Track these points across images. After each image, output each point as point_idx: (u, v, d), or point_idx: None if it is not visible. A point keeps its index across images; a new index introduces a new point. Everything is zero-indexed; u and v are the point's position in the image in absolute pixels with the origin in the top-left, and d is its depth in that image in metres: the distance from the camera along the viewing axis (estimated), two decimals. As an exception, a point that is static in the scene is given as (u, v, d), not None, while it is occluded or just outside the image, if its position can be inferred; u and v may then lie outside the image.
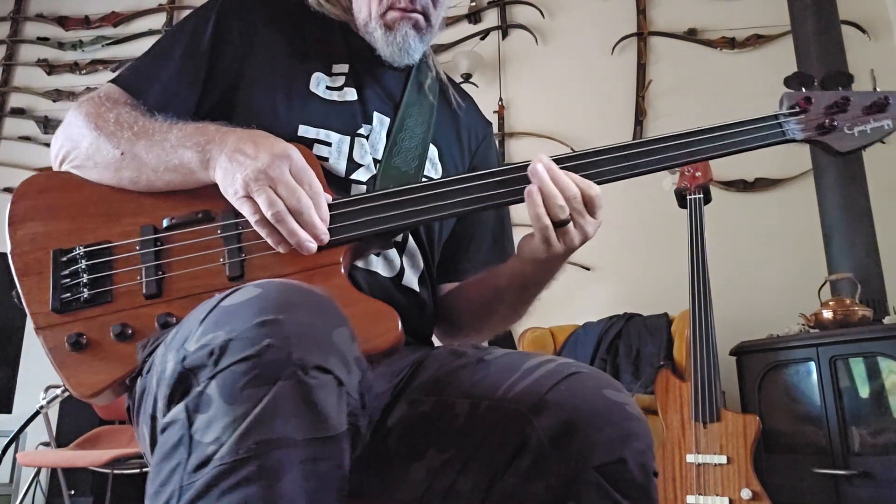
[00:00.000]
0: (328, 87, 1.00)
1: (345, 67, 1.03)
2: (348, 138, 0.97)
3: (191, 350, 0.60)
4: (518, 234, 1.49)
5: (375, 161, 0.98)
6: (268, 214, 0.79)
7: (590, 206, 0.85)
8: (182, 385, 0.60)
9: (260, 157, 0.80)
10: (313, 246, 0.81)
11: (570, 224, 0.84)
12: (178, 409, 0.59)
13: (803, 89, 0.95)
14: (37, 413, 2.24)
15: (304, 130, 0.94)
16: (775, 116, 0.93)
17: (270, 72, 0.98)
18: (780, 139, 0.93)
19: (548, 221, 0.83)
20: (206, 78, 0.96)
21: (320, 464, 0.57)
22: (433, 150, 1.06)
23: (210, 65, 0.97)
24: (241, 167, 0.80)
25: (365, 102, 1.02)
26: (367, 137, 0.99)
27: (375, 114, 1.02)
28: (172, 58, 0.96)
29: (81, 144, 0.88)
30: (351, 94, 1.01)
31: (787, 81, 0.97)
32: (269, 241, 0.81)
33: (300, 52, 1.01)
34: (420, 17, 1.02)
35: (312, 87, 0.99)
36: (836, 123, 0.92)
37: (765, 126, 0.92)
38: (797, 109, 0.93)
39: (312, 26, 1.04)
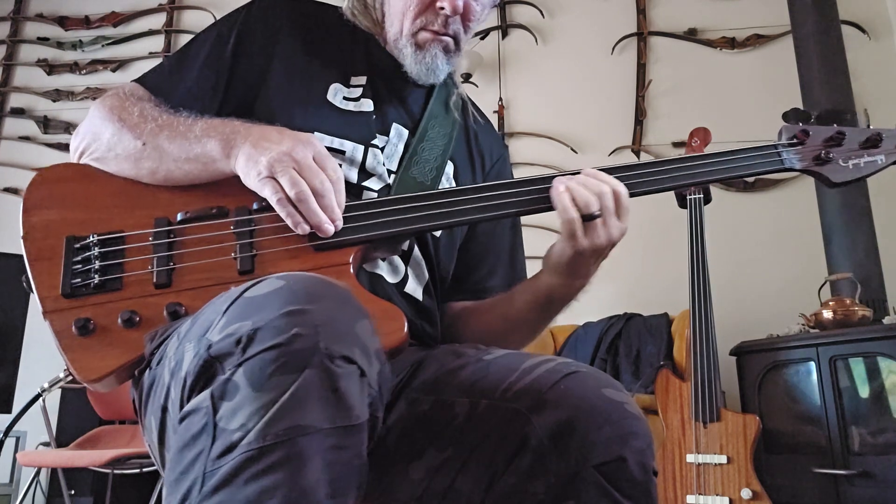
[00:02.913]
0: (345, 98, 1.02)
1: (363, 79, 1.04)
2: (362, 147, 0.98)
3: (215, 339, 0.60)
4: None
5: (390, 171, 0.99)
6: (291, 193, 0.80)
7: (619, 203, 0.88)
8: (206, 373, 0.61)
9: (284, 143, 0.82)
10: (331, 228, 0.82)
11: (599, 220, 0.86)
12: (203, 397, 0.59)
13: (800, 124, 1.00)
14: (38, 396, 2.23)
15: (320, 138, 0.95)
16: (775, 146, 0.99)
17: (289, 81, 0.99)
18: (778, 167, 0.98)
19: (574, 214, 0.86)
20: (227, 84, 0.98)
21: (343, 452, 0.58)
22: (449, 166, 1.07)
23: (231, 72, 0.99)
24: (266, 151, 0.82)
25: (382, 114, 1.03)
26: (381, 149, 1.00)
27: (394, 125, 1.03)
28: (197, 62, 0.98)
29: (103, 136, 0.90)
30: (367, 105, 1.02)
31: (786, 116, 1.02)
32: (289, 221, 0.82)
33: (320, 63, 1.03)
34: (451, 41, 1.03)
35: (329, 97, 1.01)
36: (832, 156, 0.98)
37: (764, 154, 0.98)
38: (795, 141, 0.99)
39: (336, 37, 1.06)
